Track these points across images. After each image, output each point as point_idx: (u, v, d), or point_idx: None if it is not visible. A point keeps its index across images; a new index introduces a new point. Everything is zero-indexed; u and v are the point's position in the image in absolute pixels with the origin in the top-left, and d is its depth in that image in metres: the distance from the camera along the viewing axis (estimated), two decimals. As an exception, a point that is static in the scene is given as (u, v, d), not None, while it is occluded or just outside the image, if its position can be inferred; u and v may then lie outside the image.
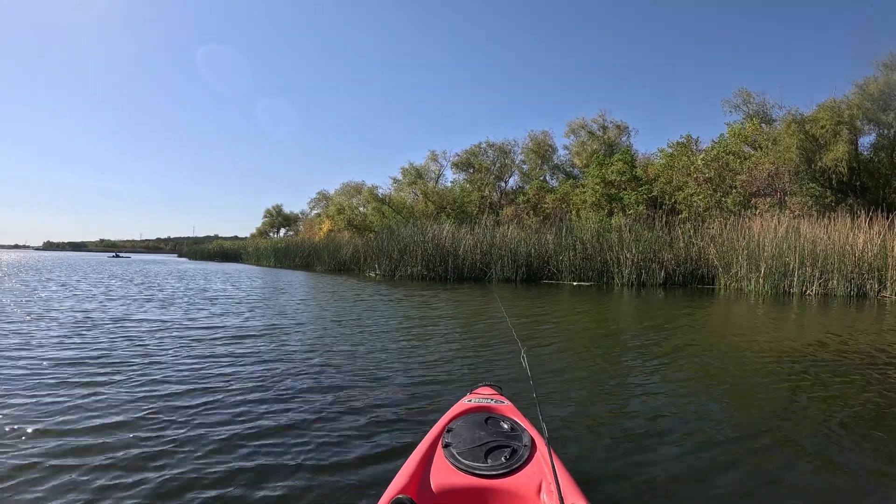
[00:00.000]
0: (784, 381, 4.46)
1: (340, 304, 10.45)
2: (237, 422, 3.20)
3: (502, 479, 1.89)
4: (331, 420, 3.26)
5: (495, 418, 2.33)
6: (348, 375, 4.37)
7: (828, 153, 18.49)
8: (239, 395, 3.75)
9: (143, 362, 4.70)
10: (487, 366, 4.83)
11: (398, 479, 1.87)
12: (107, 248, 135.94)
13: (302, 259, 31.55)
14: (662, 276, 16.76)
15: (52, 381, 3.99)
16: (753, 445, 2.96)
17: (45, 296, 10.94)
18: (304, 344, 5.85)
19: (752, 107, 23.30)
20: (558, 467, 1.84)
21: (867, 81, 19.26)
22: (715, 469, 2.63)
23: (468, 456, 2.00)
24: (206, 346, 5.55)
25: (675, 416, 3.45)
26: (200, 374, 4.34)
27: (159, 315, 8.12)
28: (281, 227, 65.26)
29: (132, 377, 4.17)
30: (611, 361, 5.24)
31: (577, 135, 31.53)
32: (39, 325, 6.83)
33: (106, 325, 6.94)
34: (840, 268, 13.57)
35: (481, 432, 2.17)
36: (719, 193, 20.54)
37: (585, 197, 24.81)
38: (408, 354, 5.32)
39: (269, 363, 4.81)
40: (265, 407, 3.49)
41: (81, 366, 4.53)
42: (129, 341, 5.74)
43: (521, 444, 2.09)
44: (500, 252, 19.41)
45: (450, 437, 2.16)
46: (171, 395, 3.70)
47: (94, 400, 3.55)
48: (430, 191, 34.42)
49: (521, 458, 1.99)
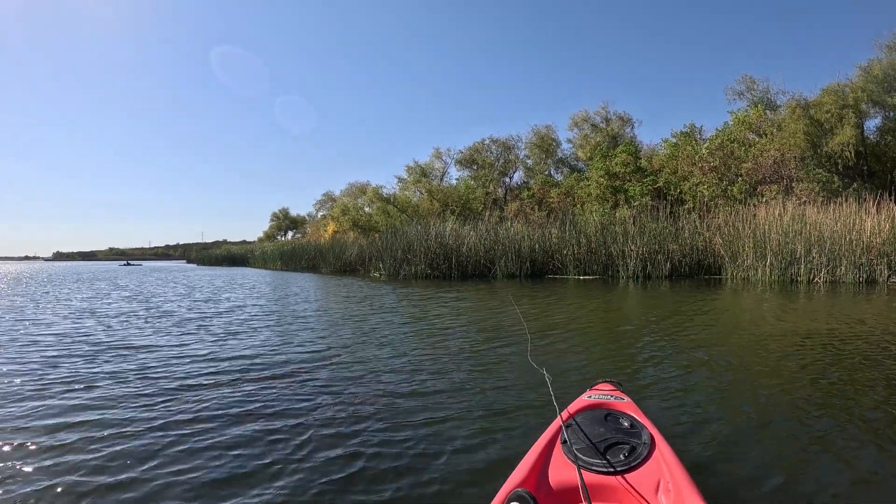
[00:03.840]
0: (809, 370, 4.40)
1: (359, 306, 10.46)
2: (354, 428, 3.15)
3: (621, 476, 1.88)
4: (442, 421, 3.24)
5: (615, 415, 2.33)
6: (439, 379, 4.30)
7: (834, 137, 18.25)
8: (348, 407, 3.58)
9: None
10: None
11: (516, 473, 1.88)
12: (116, 256, 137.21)
13: (308, 261, 31.70)
14: (668, 267, 16.65)
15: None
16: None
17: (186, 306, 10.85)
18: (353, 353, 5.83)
19: (756, 94, 23.07)
20: (677, 467, 1.83)
21: (871, 64, 18.97)
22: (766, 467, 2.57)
23: (587, 452, 2.00)
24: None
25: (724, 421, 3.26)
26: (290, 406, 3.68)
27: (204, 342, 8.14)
28: (288, 229, 65.67)
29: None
30: (627, 356, 5.21)
31: (580, 128, 31.34)
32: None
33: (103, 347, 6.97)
34: (848, 254, 13.41)
35: (601, 429, 2.17)
36: (725, 182, 20.35)
37: (590, 190, 24.72)
38: (446, 356, 5.27)
39: (346, 380, 4.33)
40: (370, 410, 3.48)
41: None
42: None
43: (641, 441, 2.07)
44: (503, 248, 19.38)
45: (569, 433, 2.15)
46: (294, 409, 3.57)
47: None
48: (434, 189, 34.38)
49: (640, 456, 1.97)
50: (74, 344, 6.06)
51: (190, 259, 74.76)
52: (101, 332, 6.97)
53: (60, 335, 6.74)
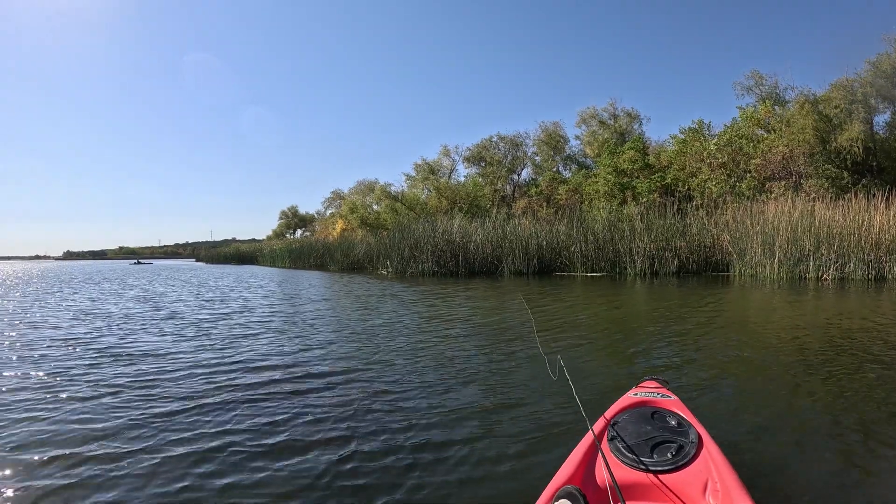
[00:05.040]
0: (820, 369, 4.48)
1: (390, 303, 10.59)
2: (403, 426, 3.20)
3: (668, 475, 1.86)
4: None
5: (661, 413, 2.31)
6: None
7: (843, 133, 18.16)
8: (393, 407, 3.61)
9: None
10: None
11: (563, 469, 1.88)
12: (126, 255, 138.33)
13: (316, 259, 31.83)
14: (676, 264, 16.66)
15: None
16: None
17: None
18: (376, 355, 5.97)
19: (765, 89, 22.91)
20: (726, 467, 1.82)
21: (880, 58, 18.81)
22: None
23: (634, 450, 2.00)
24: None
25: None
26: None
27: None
28: (297, 227, 65.83)
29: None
30: (639, 354, 5.31)
31: (587, 124, 31.28)
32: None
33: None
34: (857, 251, 13.36)
35: (647, 426, 2.16)
36: (733, 178, 20.31)
37: (598, 187, 24.72)
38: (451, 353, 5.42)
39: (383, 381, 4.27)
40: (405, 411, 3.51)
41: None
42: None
43: (688, 440, 2.05)
44: (511, 245, 19.46)
45: (615, 431, 2.16)
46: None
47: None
48: (442, 186, 34.43)
49: (687, 455, 1.95)
50: (82, 349, 6.21)
51: (199, 258, 75.20)
52: (105, 336, 7.14)
53: (66, 339, 6.90)
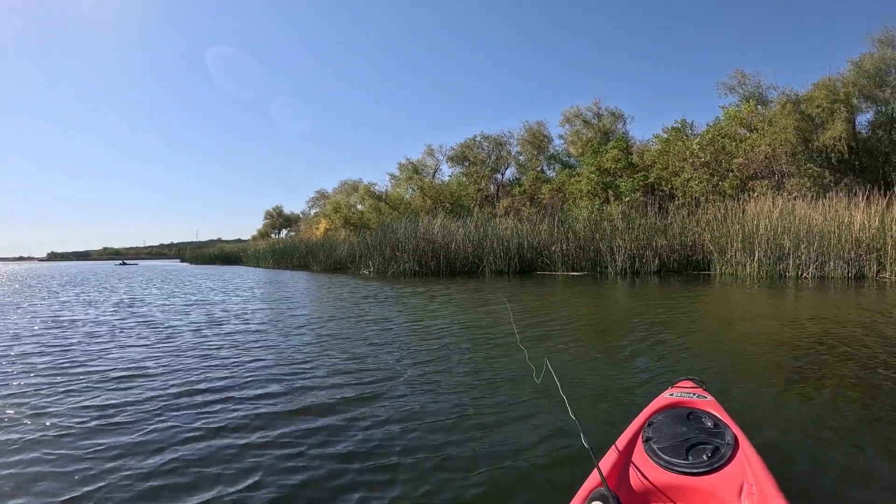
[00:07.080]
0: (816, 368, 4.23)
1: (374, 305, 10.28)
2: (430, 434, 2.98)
3: (703, 478, 1.84)
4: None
5: (697, 414, 2.26)
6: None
7: (825, 132, 18.08)
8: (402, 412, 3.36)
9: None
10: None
11: (596, 471, 1.83)
12: (111, 256, 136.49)
13: (299, 259, 31.45)
14: (657, 263, 16.50)
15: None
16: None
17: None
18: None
19: (748, 88, 22.83)
20: (762, 469, 1.79)
21: (862, 58, 18.82)
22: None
23: (669, 452, 1.97)
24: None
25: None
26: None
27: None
28: (282, 227, 65.41)
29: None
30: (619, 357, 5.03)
31: (571, 124, 31.15)
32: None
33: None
34: (837, 249, 13.25)
35: (683, 428, 2.12)
36: (716, 178, 20.22)
37: (581, 186, 24.55)
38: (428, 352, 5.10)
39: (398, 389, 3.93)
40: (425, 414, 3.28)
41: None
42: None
43: (724, 442, 2.01)
44: (491, 245, 19.19)
45: (651, 432, 2.12)
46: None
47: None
48: (426, 186, 34.24)
49: (723, 457, 1.92)
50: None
51: (184, 258, 74.41)
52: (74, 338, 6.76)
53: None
